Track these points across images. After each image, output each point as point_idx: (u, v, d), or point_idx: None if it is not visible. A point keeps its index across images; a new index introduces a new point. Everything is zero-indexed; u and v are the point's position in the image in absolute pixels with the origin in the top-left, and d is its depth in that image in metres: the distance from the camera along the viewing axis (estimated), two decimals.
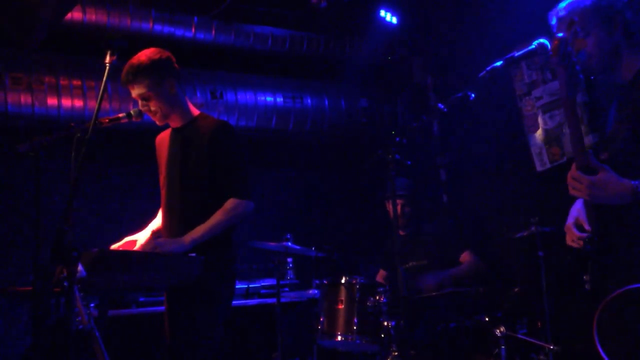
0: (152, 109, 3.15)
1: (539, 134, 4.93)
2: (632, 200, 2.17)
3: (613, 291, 2.13)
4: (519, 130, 5.05)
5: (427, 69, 6.07)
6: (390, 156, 3.39)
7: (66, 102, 4.82)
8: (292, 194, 6.30)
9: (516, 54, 2.65)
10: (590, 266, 2.26)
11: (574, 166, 2.26)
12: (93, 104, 4.87)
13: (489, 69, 2.68)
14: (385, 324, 3.77)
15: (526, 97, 5.00)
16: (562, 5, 2.45)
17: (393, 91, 6.35)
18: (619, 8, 2.40)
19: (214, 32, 5.40)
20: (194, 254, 2.85)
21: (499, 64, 2.67)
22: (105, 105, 4.91)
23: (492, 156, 5.42)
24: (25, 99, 4.69)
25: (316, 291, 4.59)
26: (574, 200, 2.50)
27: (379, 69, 6.29)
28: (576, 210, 2.43)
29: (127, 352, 4.31)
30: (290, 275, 5.37)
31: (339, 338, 3.93)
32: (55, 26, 4.66)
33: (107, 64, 2.57)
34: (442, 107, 3.07)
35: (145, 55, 3.12)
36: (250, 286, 5.03)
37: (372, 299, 3.89)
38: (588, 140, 2.57)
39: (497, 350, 3.75)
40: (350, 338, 3.89)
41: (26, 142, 2.74)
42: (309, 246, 4.63)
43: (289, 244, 4.49)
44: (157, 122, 3.24)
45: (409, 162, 3.60)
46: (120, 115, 3.01)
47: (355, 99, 6.13)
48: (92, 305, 3.64)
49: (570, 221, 2.42)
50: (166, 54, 3.18)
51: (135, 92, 3.13)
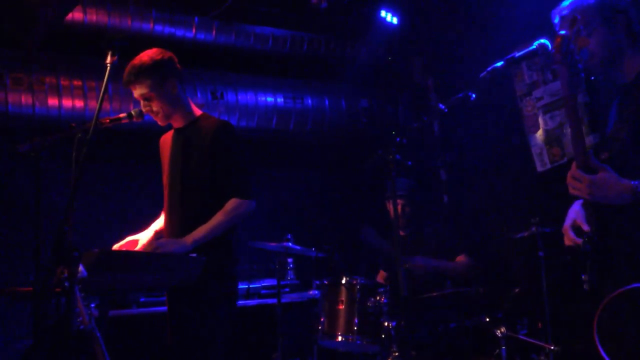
0: (154, 109, 3.15)
1: (539, 134, 4.92)
2: (632, 200, 2.17)
3: (613, 291, 2.13)
4: (520, 131, 5.05)
5: (428, 69, 6.08)
6: (390, 156, 3.37)
7: (67, 103, 4.82)
8: (293, 195, 6.30)
9: (517, 54, 2.65)
10: (589, 266, 2.26)
11: (574, 165, 2.25)
12: (94, 105, 4.87)
13: (489, 69, 2.69)
14: (386, 324, 3.77)
15: (527, 98, 5.00)
16: (565, 3, 2.44)
17: (393, 91, 6.35)
18: (622, 7, 2.39)
19: (214, 32, 5.40)
20: (194, 255, 2.85)
21: (499, 64, 2.68)
22: (106, 105, 4.91)
23: (493, 157, 5.42)
24: (26, 99, 4.69)
25: (317, 291, 4.59)
26: (574, 201, 2.49)
27: (379, 69, 6.29)
28: (574, 212, 2.42)
29: (127, 352, 4.31)
30: (290, 275, 5.37)
31: (339, 338, 3.92)
32: (56, 26, 4.67)
33: (108, 65, 2.57)
34: (443, 107, 3.06)
35: (147, 55, 3.12)
36: (251, 286, 5.03)
37: (372, 299, 3.89)
38: (588, 140, 2.57)
39: (497, 351, 3.74)
40: (350, 338, 3.89)
41: (27, 143, 2.74)
42: (309, 246, 4.63)
43: (290, 244, 4.49)
44: (159, 123, 3.24)
45: (409, 163, 3.59)
46: (121, 115, 3.00)
47: (356, 100, 6.13)
48: (92, 305, 3.64)
49: (567, 223, 2.40)
50: (168, 54, 3.18)
51: (137, 92, 3.13)
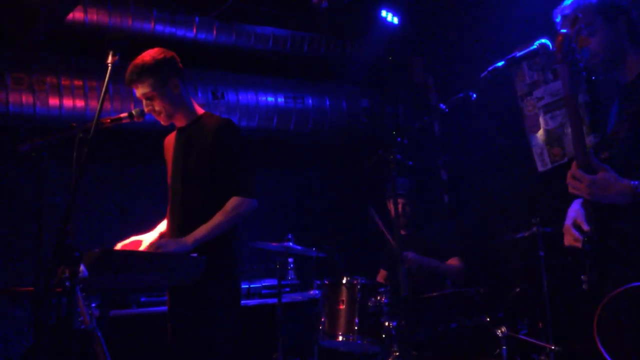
0: (157, 108, 3.15)
1: (540, 134, 4.93)
2: (632, 200, 2.17)
3: (612, 291, 2.13)
4: (520, 131, 5.05)
5: (428, 69, 6.08)
6: (391, 156, 3.38)
7: (68, 103, 4.82)
8: (294, 194, 6.30)
9: (518, 54, 2.66)
10: (588, 266, 2.26)
11: (574, 165, 2.25)
12: (94, 104, 4.87)
13: (490, 69, 2.69)
14: (387, 324, 3.77)
15: (527, 98, 5.00)
16: (567, 2, 2.44)
17: (394, 91, 6.35)
18: (624, 7, 2.39)
19: (215, 32, 5.40)
20: (195, 254, 2.85)
21: (500, 64, 2.68)
22: (107, 105, 4.91)
23: (493, 156, 5.42)
24: (26, 99, 4.69)
25: (317, 291, 4.59)
26: (574, 200, 2.49)
27: (380, 69, 6.29)
28: (574, 211, 2.41)
29: (128, 352, 4.31)
30: (291, 275, 5.37)
31: (340, 338, 3.93)
32: (57, 26, 4.67)
33: (109, 64, 2.57)
34: (444, 107, 3.07)
35: (149, 55, 3.12)
36: (252, 286, 5.03)
37: (373, 299, 3.89)
38: (589, 140, 2.58)
39: (498, 351, 3.74)
40: (351, 338, 3.89)
41: (27, 143, 2.74)
42: (310, 246, 4.62)
43: (290, 244, 4.48)
44: (161, 122, 3.23)
45: (410, 163, 3.60)
46: (122, 115, 3.01)
47: (357, 99, 6.12)
48: (93, 305, 3.64)
49: (568, 222, 2.40)
50: (170, 53, 3.18)
51: (139, 91, 3.13)
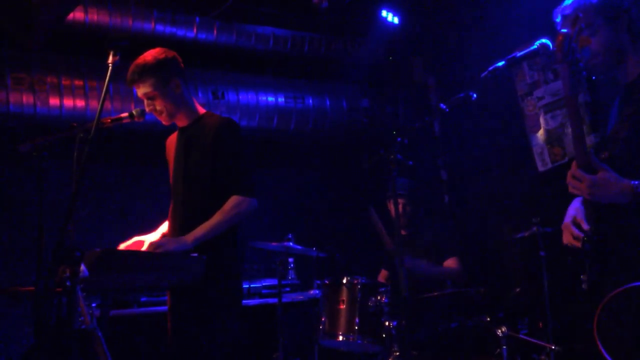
0: (158, 108, 3.15)
1: (540, 134, 4.93)
2: (632, 199, 2.17)
3: (612, 290, 2.13)
4: (521, 131, 5.05)
5: (429, 69, 6.08)
6: (391, 156, 3.37)
7: (68, 102, 4.82)
8: (294, 194, 6.30)
9: (518, 54, 2.66)
10: (588, 265, 2.26)
11: (574, 164, 2.25)
12: (95, 104, 4.88)
13: (490, 69, 2.69)
14: (387, 324, 3.77)
15: (528, 97, 5.00)
16: (568, 2, 2.44)
17: (394, 91, 6.35)
18: (625, 6, 2.38)
19: (215, 32, 5.40)
20: (196, 254, 2.85)
21: (500, 64, 2.68)
22: (107, 105, 4.92)
23: (494, 156, 5.42)
24: (27, 99, 4.70)
25: (317, 291, 4.59)
26: (573, 198, 2.49)
27: (380, 69, 6.29)
28: (574, 209, 2.42)
29: (129, 352, 4.31)
30: (291, 275, 5.37)
31: (340, 338, 3.92)
32: (57, 26, 4.67)
33: (110, 64, 2.57)
34: (444, 107, 3.06)
35: (151, 54, 3.12)
36: (252, 286, 5.03)
37: (373, 299, 3.89)
38: (589, 140, 2.57)
39: (498, 351, 3.74)
40: (351, 338, 3.89)
41: (28, 143, 2.75)
42: (310, 246, 4.62)
43: (291, 244, 4.49)
44: (163, 122, 3.23)
45: (410, 162, 3.59)
46: (123, 115, 3.00)
47: (357, 99, 6.13)
48: (94, 304, 3.64)
49: (568, 220, 2.40)
50: (172, 53, 3.19)
51: (140, 91, 3.13)
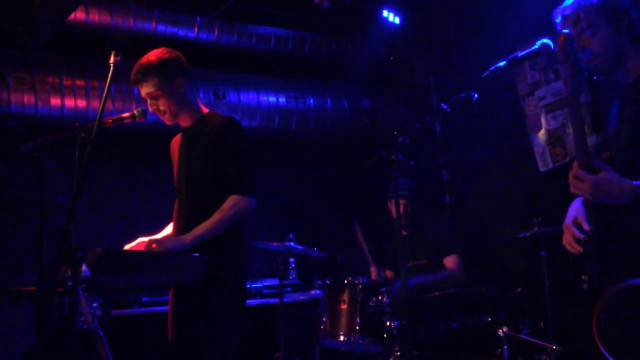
0: (161, 108, 3.15)
1: (541, 134, 4.92)
2: (633, 200, 2.17)
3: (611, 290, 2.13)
4: (522, 131, 5.05)
5: (430, 69, 6.08)
6: (392, 156, 3.37)
7: (69, 102, 4.82)
8: (295, 194, 6.30)
9: (519, 54, 2.65)
10: (589, 266, 2.26)
11: (575, 165, 2.25)
12: (96, 104, 4.88)
13: (492, 69, 2.68)
14: (388, 324, 3.77)
15: (529, 97, 5.00)
16: (568, 3, 2.44)
17: (395, 91, 6.35)
18: (625, 7, 2.39)
19: (216, 32, 5.40)
20: (197, 254, 2.84)
21: (502, 64, 2.68)
22: (108, 105, 4.91)
23: (495, 156, 5.42)
24: (28, 99, 4.70)
25: (318, 291, 4.60)
26: (574, 198, 2.49)
27: (381, 69, 6.29)
28: (574, 210, 2.41)
29: (130, 351, 4.32)
30: (292, 275, 5.38)
31: (341, 338, 3.93)
32: (59, 26, 4.67)
33: (111, 64, 2.57)
34: (445, 107, 3.06)
35: (154, 54, 3.12)
36: (253, 286, 5.04)
37: (374, 299, 3.89)
38: (590, 140, 2.57)
39: (499, 351, 3.74)
40: (352, 338, 3.89)
41: (29, 143, 2.75)
42: (311, 246, 4.63)
43: (292, 244, 4.49)
44: (166, 122, 3.22)
45: (411, 162, 3.59)
46: (124, 115, 2.99)
47: (358, 99, 6.13)
48: (95, 304, 3.64)
49: (569, 220, 2.40)
50: (175, 53, 3.19)
51: (144, 91, 3.13)
